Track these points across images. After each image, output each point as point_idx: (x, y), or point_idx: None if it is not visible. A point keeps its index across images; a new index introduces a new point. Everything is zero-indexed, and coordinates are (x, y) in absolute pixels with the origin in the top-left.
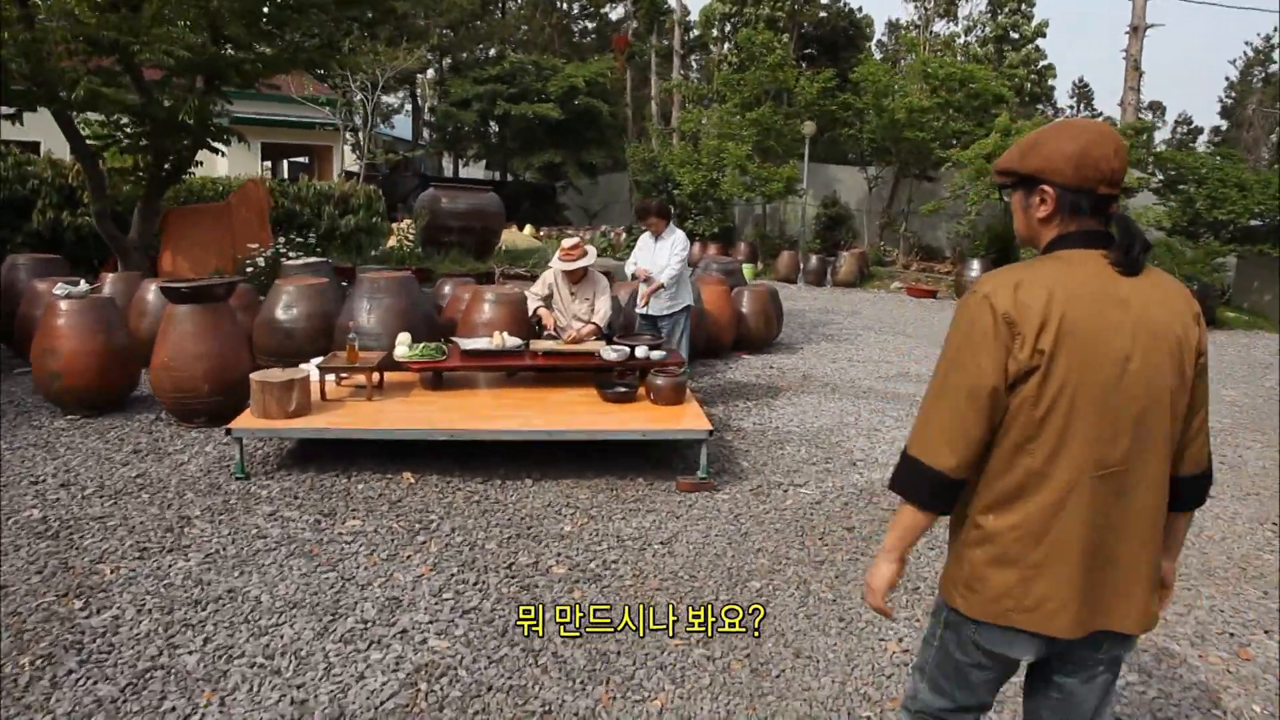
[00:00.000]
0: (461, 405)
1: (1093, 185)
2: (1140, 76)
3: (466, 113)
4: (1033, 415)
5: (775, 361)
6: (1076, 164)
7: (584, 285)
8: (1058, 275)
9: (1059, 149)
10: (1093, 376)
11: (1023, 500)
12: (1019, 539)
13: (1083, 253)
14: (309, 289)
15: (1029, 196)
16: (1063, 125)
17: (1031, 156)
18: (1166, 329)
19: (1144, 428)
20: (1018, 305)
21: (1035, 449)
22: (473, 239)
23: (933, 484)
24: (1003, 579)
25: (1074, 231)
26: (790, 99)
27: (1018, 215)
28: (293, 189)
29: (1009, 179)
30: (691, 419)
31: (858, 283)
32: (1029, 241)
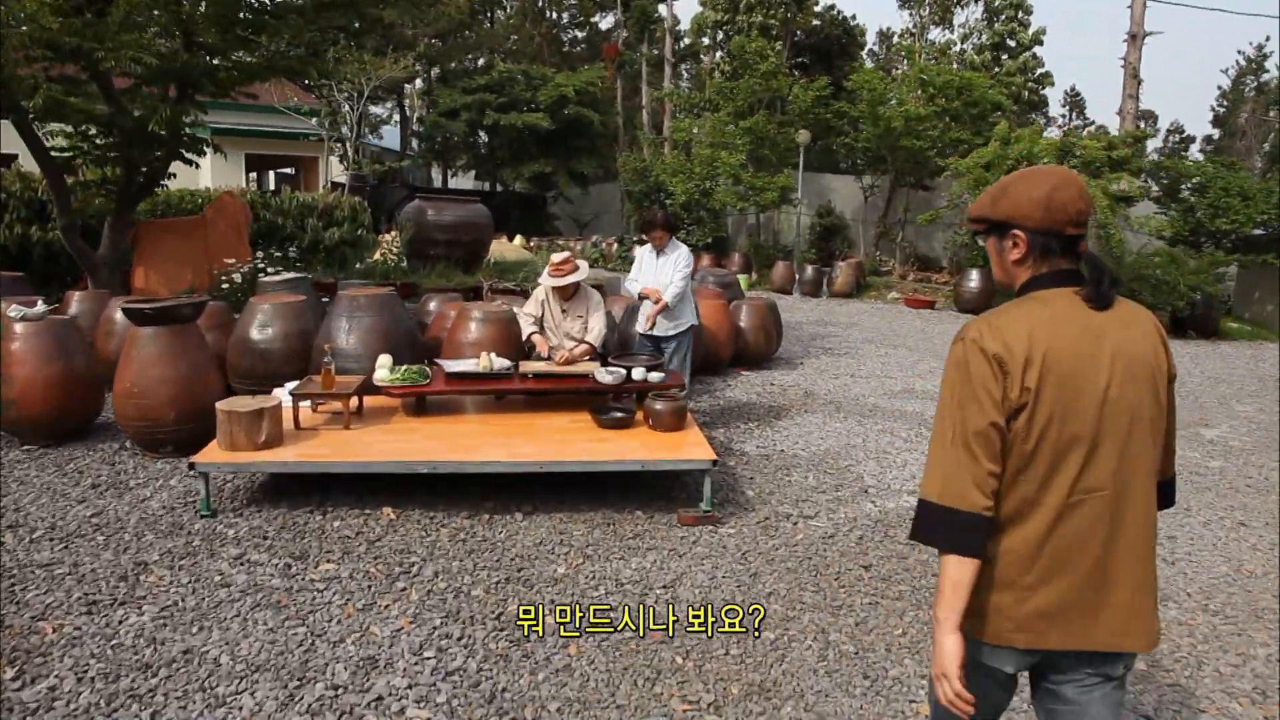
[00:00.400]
0: (446, 433)
1: (1060, 227)
2: (1139, 84)
3: (455, 123)
4: (1024, 449)
5: (776, 378)
6: (1044, 208)
7: (576, 302)
8: (1036, 315)
9: (1027, 195)
10: (1076, 406)
11: (1017, 526)
12: (1014, 562)
13: (1055, 291)
14: (285, 307)
15: (1001, 241)
16: (1029, 173)
17: (1002, 203)
18: (1140, 356)
19: (1128, 450)
20: (1004, 347)
21: (1028, 478)
22: (460, 251)
23: (973, 526)
24: (1003, 601)
25: (1046, 272)
26: (783, 107)
27: (993, 259)
28: (274, 201)
29: (982, 225)
30: (694, 447)
31: (854, 293)
32: (1006, 284)
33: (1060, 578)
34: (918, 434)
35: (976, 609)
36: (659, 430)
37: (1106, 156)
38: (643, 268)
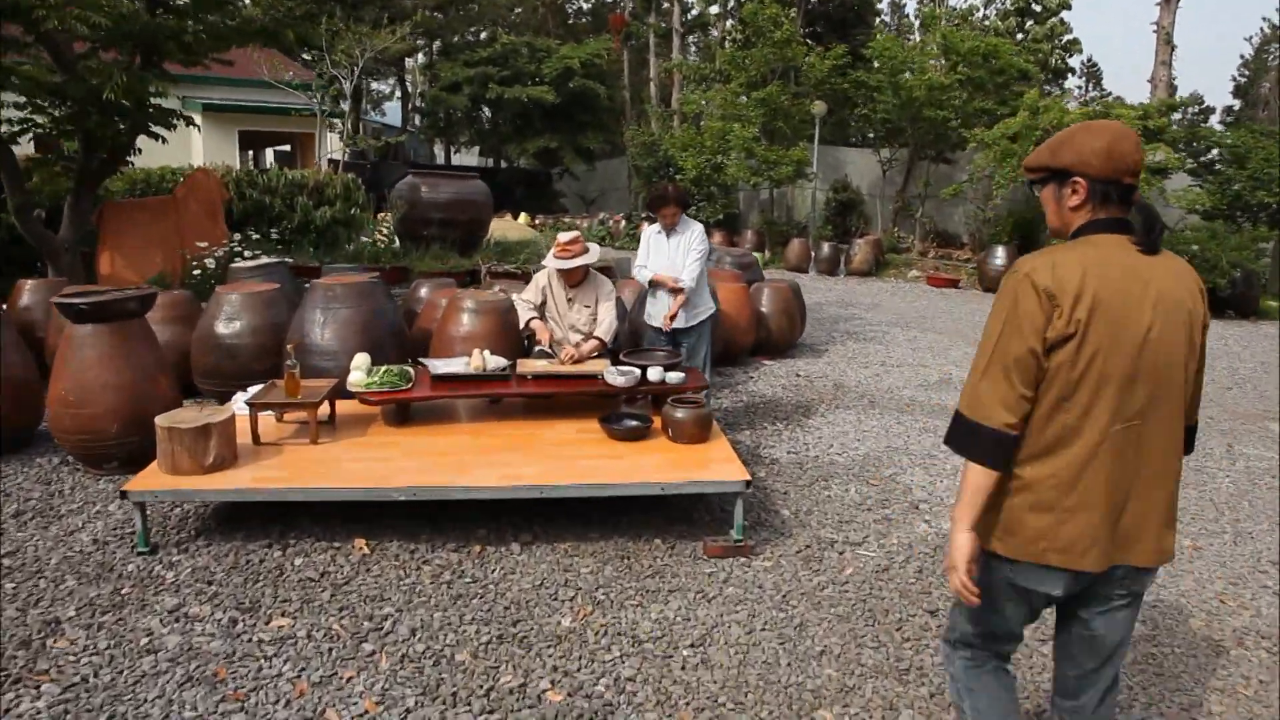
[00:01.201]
0: (431, 447)
1: (1118, 176)
2: (1172, 50)
3: (457, 97)
4: (1070, 376)
5: (801, 368)
6: (1105, 157)
7: (584, 290)
8: (1088, 256)
9: (1089, 145)
10: (1120, 343)
11: (1058, 452)
12: (1055, 486)
13: (1109, 236)
14: (256, 297)
15: (1061, 188)
16: (1089, 125)
17: (1063, 152)
18: (1180, 303)
19: (1160, 386)
20: (1056, 281)
21: (1071, 406)
22: (457, 232)
23: (998, 443)
24: (1039, 522)
25: (1102, 218)
26: (797, 77)
27: (1050, 206)
28: (261, 179)
29: (1041, 174)
30: (722, 464)
31: (873, 271)
32: (1060, 231)
33: (1096, 503)
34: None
35: (1015, 530)
36: (680, 442)
37: (1142, 126)
38: (652, 251)
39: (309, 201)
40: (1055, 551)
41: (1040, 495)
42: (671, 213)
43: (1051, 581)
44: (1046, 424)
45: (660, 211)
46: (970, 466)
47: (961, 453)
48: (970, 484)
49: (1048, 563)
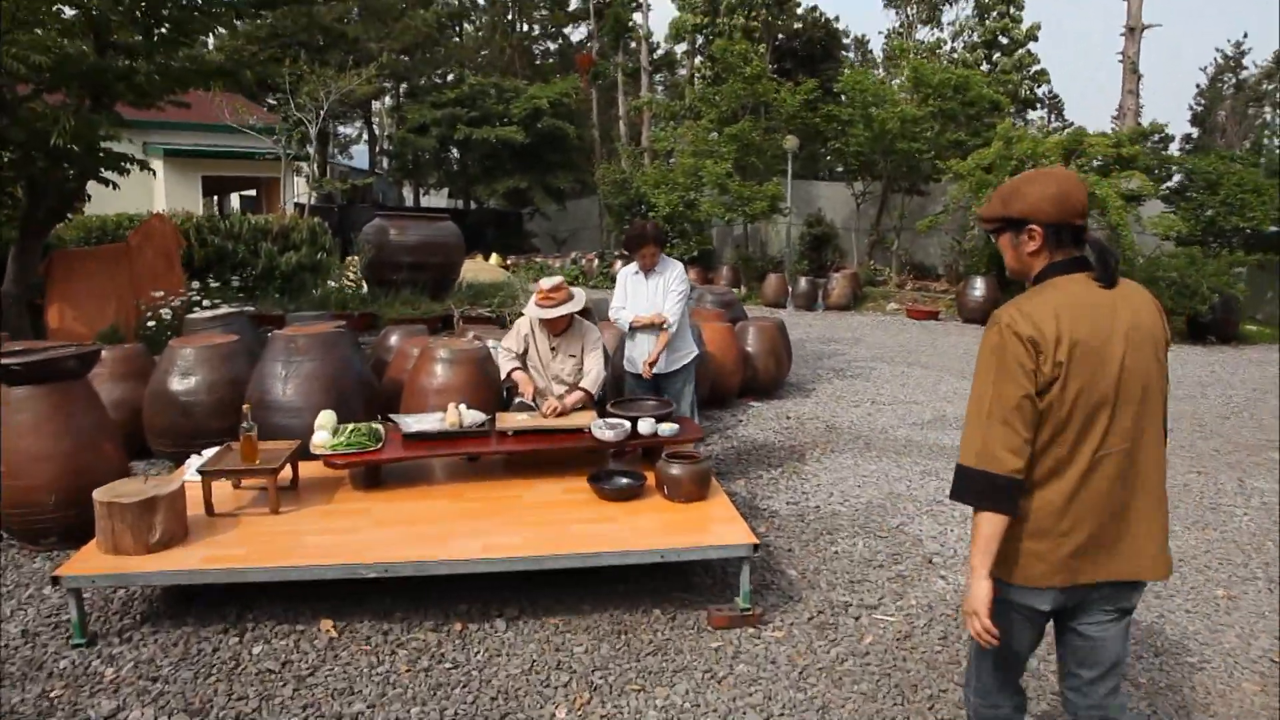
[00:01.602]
0: (404, 514)
1: (1069, 219)
2: (1139, 79)
3: (425, 138)
4: (1059, 415)
5: (790, 409)
6: (1056, 204)
7: (568, 338)
8: (1057, 299)
9: (1040, 193)
10: (1099, 376)
11: (1051, 483)
12: (1049, 514)
13: (1070, 277)
14: (212, 350)
15: (1018, 235)
16: (1035, 175)
17: (1015, 202)
18: (1145, 327)
19: (1141, 409)
20: (1035, 328)
21: (1061, 441)
22: (427, 276)
23: (1009, 488)
24: (1037, 547)
25: (1059, 260)
26: (768, 112)
27: (1008, 253)
28: (223, 224)
29: (996, 223)
30: (725, 525)
31: (851, 305)
32: (1020, 274)
33: (1089, 522)
34: None
35: (1014, 558)
36: (677, 500)
37: (1116, 154)
38: (630, 292)
39: (273, 247)
40: (1055, 573)
41: (1037, 523)
42: (651, 253)
43: (1044, 599)
44: (1040, 459)
45: (639, 252)
46: (983, 515)
47: (975, 504)
48: (985, 532)
49: (1048, 584)
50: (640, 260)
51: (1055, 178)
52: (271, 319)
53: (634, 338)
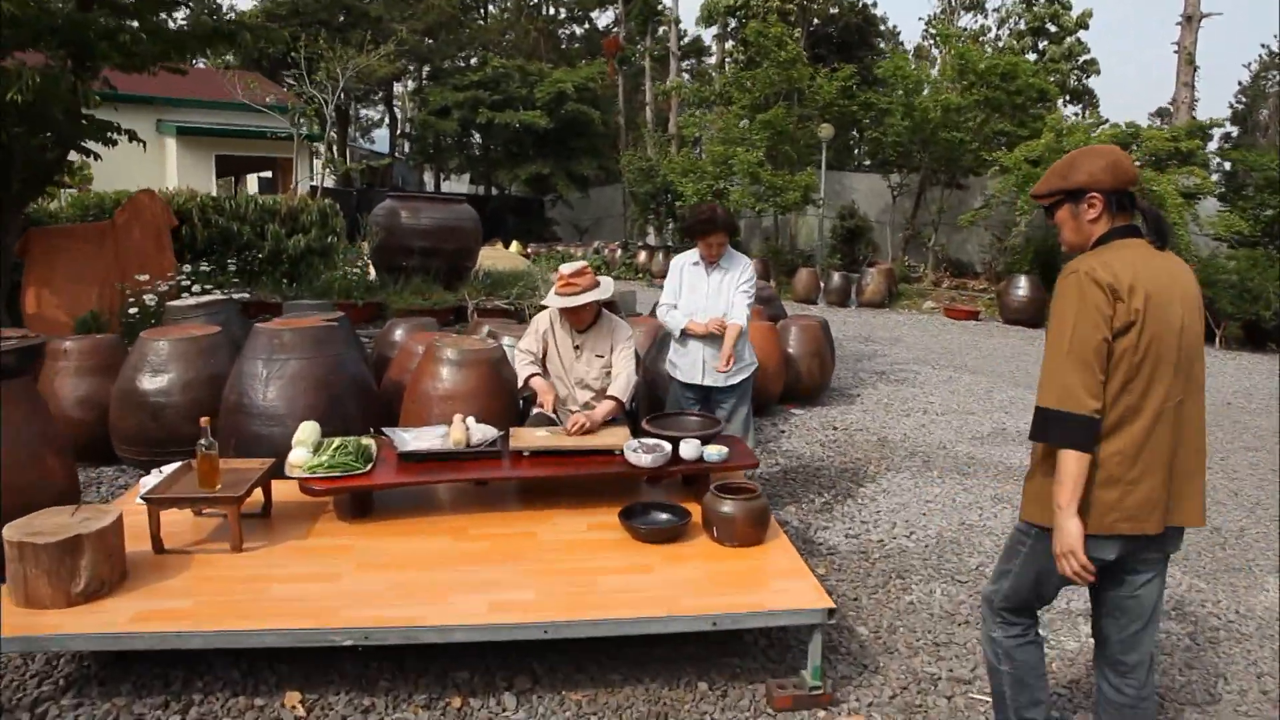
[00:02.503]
0: (395, 555)
1: (1124, 186)
2: (1195, 71)
3: (446, 122)
4: (1133, 360)
5: (836, 418)
6: (1112, 172)
7: (595, 335)
8: (1127, 257)
9: (1096, 164)
10: (1166, 331)
11: (1123, 430)
12: (1120, 461)
13: (1132, 240)
14: (189, 344)
15: (1078, 205)
16: (1089, 149)
17: (1075, 174)
18: (1193, 295)
19: (1192, 369)
20: (1114, 276)
21: (1134, 387)
22: (441, 263)
23: (1088, 428)
24: (1109, 496)
25: (1119, 226)
26: (801, 99)
27: (1068, 225)
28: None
29: (1055, 197)
30: (790, 579)
31: (886, 303)
32: (1078, 246)
33: (1155, 472)
34: None
35: (1084, 507)
36: (728, 544)
37: (1174, 148)
38: (685, 287)
39: (281, 229)
40: (1124, 520)
41: (1109, 471)
42: (719, 241)
43: (1110, 548)
44: (1112, 406)
45: (705, 239)
46: (1067, 455)
47: (1059, 443)
48: (1071, 470)
49: (1117, 532)
50: (705, 249)
51: (1106, 150)
52: (268, 307)
53: (685, 344)
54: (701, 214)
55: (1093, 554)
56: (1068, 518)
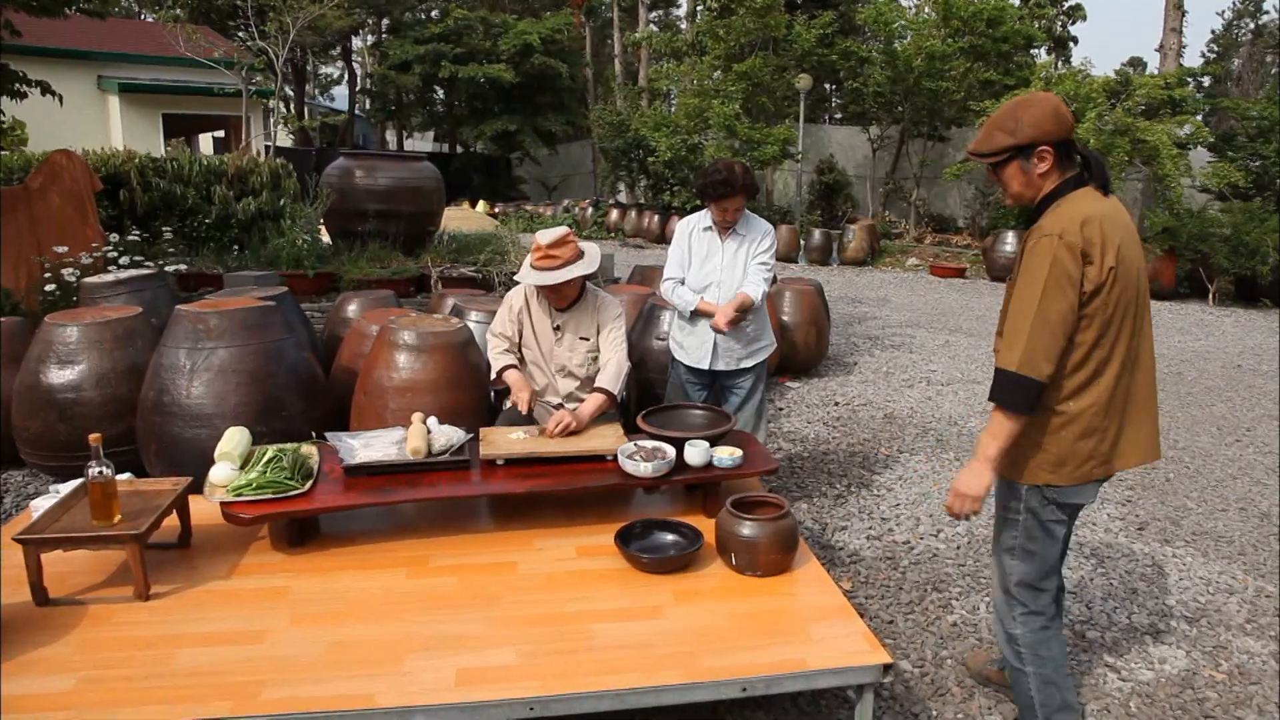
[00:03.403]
0: (339, 599)
1: (1068, 135)
2: (1183, 16)
3: (407, 76)
4: (1105, 316)
5: (835, 391)
6: (1058, 122)
7: (578, 314)
8: (1088, 211)
9: (1042, 115)
10: (1130, 279)
11: (1096, 383)
12: (1096, 413)
13: (1081, 190)
14: (102, 329)
15: (1027, 161)
16: (1025, 100)
17: (1025, 128)
18: (1137, 236)
19: (1144, 308)
20: (1085, 239)
21: (1105, 341)
22: (400, 227)
23: (1036, 393)
24: (1088, 447)
25: (1070, 176)
26: (777, 48)
27: (1017, 180)
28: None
29: (1004, 154)
30: (831, 622)
31: (868, 260)
32: (1028, 200)
33: (1122, 416)
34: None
35: (1070, 461)
36: (749, 574)
37: (1167, 95)
38: (695, 257)
39: (229, 192)
40: (1100, 466)
41: (1087, 423)
42: (737, 206)
43: (1091, 492)
44: (1085, 362)
45: (720, 203)
46: (1009, 416)
47: (1012, 408)
48: (1007, 431)
49: (1095, 478)
50: (720, 214)
51: (1043, 98)
52: (207, 279)
53: (694, 323)
54: (716, 174)
55: (1075, 500)
56: (990, 469)
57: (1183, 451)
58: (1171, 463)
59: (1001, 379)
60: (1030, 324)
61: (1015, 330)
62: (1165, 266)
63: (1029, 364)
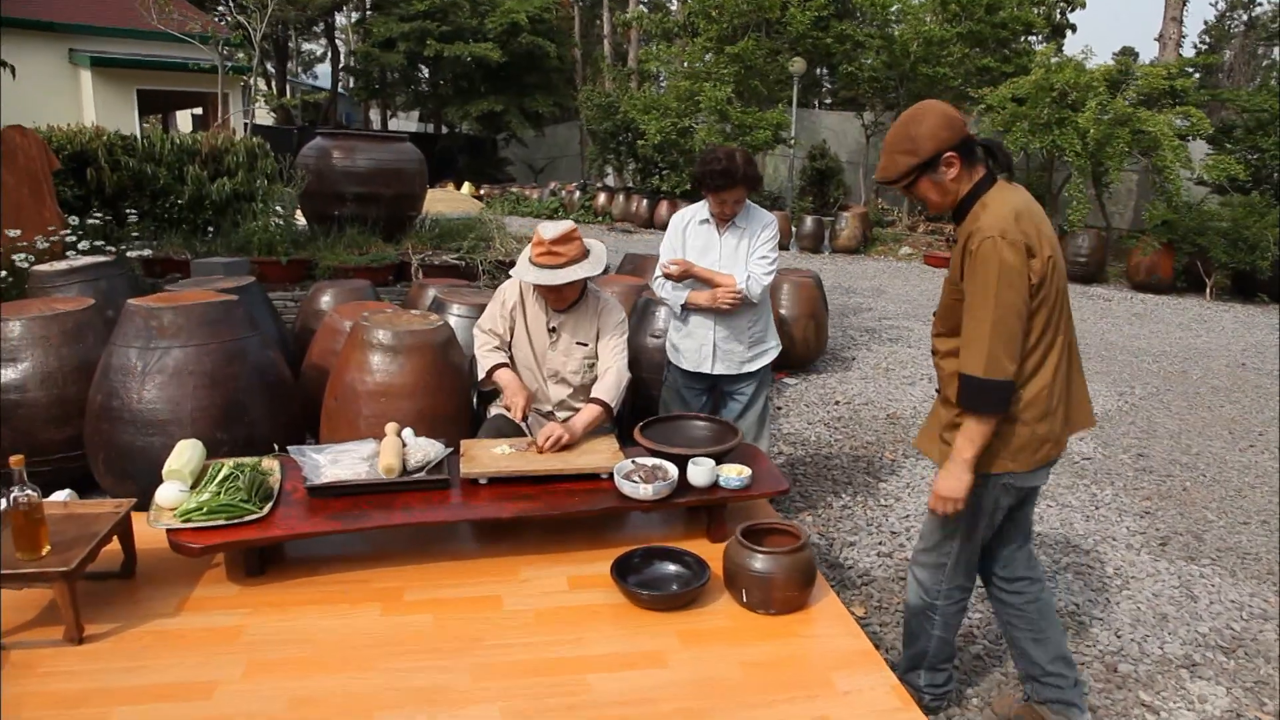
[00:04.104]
0: (300, 644)
1: (964, 135)
2: (1184, 4)
3: (392, 55)
4: (1049, 306)
5: (835, 389)
6: (952, 128)
7: (578, 316)
8: (1016, 203)
9: (936, 125)
10: (1060, 267)
11: (1043, 368)
12: (1047, 396)
13: (996, 186)
14: (46, 324)
15: (936, 172)
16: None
17: (923, 144)
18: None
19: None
20: (1024, 234)
21: (1049, 331)
22: (380, 210)
23: (1006, 393)
24: (1045, 430)
25: (981, 174)
26: (771, 30)
27: (933, 193)
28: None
29: (910, 175)
30: (858, 675)
31: (861, 249)
32: (947, 205)
33: (1066, 394)
34: (1090, 495)
35: (1029, 447)
36: (762, 612)
37: (1169, 85)
38: (690, 250)
39: (203, 172)
40: (1054, 446)
41: (1040, 408)
42: (737, 198)
43: (1045, 474)
44: (1035, 348)
45: (719, 195)
46: (982, 420)
47: (984, 411)
48: (981, 433)
49: (1050, 459)
50: (718, 206)
51: (930, 108)
52: (174, 265)
53: (688, 321)
54: (715, 163)
55: (1032, 484)
56: (968, 470)
57: (1196, 458)
58: (1187, 469)
59: (969, 385)
60: (989, 328)
61: (974, 336)
62: (1163, 260)
63: (994, 367)
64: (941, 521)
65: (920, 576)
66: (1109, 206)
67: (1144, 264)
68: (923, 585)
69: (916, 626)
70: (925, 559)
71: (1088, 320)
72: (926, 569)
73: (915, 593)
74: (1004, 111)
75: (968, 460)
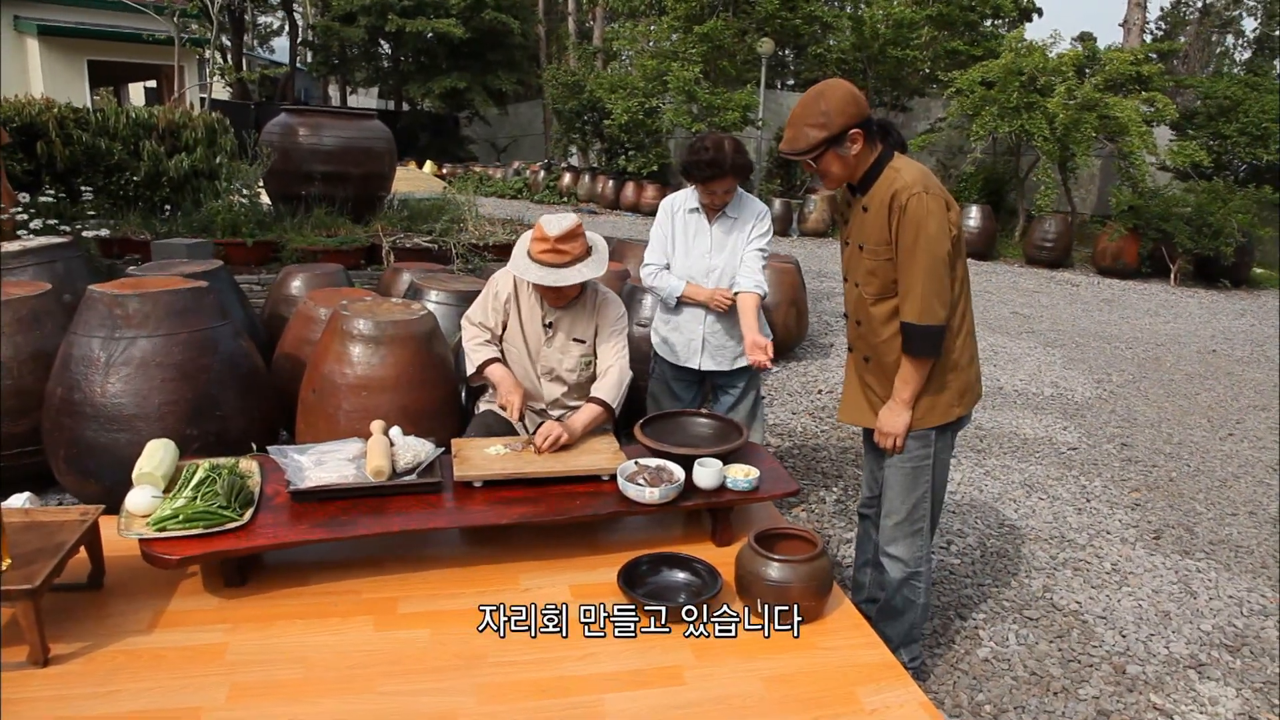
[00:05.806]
0: (283, 664)
1: (869, 111)
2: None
3: (352, 28)
4: (962, 257)
5: (816, 377)
6: (857, 104)
7: (576, 312)
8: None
9: (844, 101)
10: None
11: (965, 316)
12: (969, 342)
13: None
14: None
15: (841, 147)
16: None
17: (834, 119)
18: None
19: None
20: (943, 190)
21: (965, 277)
22: (349, 190)
23: (940, 338)
24: (971, 373)
25: (882, 149)
26: (738, 10)
27: (836, 166)
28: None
29: (819, 148)
30: (883, 690)
31: (829, 232)
32: (849, 179)
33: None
34: (1080, 487)
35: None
36: (781, 624)
37: (1135, 71)
38: (679, 242)
39: (160, 147)
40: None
41: (968, 351)
42: (727, 188)
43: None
44: (960, 298)
45: (708, 185)
46: (923, 363)
47: (922, 355)
48: (920, 376)
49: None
50: (705, 196)
51: (837, 85)
52: (133, 246)
53: (679, 313)
54: (702, 152)
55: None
56: (909, 408)
57: (1179, 447)
58: (1171, 459)
59: (907, 331)
60: (921, 277)
61: (909, 286)
62: (1129, 245)
63: (927, 313)
64: (906, 489)
65: (899, 553)
66: (1074, 191)
67: (1110, 249)
68: (903, 560)
69: (901, 602)
70: (899, 533)
71: (1059, 305)
72: (903, 542)
73: (897, 569)
74: (973, 95)
75: (906, 400)
